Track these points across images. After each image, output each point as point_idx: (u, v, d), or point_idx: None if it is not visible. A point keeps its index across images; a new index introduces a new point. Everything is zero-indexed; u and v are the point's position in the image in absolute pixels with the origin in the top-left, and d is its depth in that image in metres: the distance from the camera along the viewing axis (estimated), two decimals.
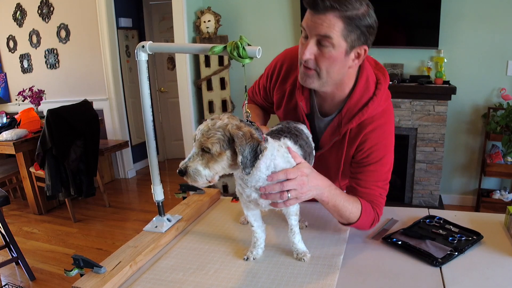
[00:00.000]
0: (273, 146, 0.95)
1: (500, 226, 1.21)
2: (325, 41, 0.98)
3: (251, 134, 0.88)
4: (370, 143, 1.11)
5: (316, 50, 1.00)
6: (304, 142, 1.09)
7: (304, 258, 1.06)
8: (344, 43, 0.98)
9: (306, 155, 1.08)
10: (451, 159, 3.39)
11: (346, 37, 0.98)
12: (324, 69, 1.03)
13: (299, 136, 1.08)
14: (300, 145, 1.06)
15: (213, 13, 3.62)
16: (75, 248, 3.01)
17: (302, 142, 1.08)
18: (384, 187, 1.16)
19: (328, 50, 0.99)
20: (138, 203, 3.97)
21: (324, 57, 1.00)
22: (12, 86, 4.88)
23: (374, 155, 1.11)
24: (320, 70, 1.03)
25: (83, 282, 0.98)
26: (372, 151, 1.11)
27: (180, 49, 1.83)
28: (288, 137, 1.05)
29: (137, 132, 4.85)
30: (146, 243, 1.16)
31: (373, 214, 1.14)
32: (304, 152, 1.07)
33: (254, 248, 1.10)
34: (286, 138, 1.05)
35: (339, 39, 0.97)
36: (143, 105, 1.18)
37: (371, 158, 1.12)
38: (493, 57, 3.08)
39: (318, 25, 0.97)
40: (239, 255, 1.11)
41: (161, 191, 1.26)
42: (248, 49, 1.01)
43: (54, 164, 3.24)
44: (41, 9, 4.40)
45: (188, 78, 3.71)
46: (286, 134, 1.06)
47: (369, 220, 1.13)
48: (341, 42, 0.98)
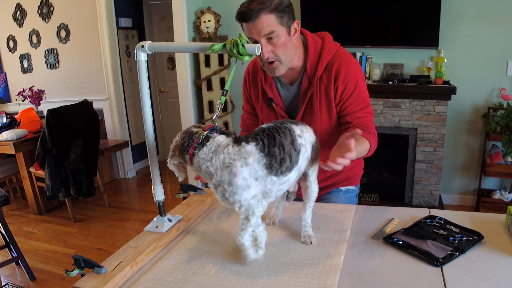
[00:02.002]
0: (209, 149, 1.00)
1: (500, 226, 1.21)
2: (271, 35, 1.21)
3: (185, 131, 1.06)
4: (342, 75, 1.31)
5: (270, 46, 1.23)
6: (281, 148, 0.99)
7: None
8: (283, 28, 1.22)
9: (275, 161, 0.98)
10: (451, 159, 3.39)
11: (281, 23, 1.21)
12: (283, 55, 1.25)
13: (277, 141, 0.99)
14: (269, 152, 0.98)
15: (213, 13, 3.62)
16: (75, 248, 3.01)
17: (277, 149, 0.99)
18: (370, 111, 1.36)
19: (277, 40, 1.22)
20: (138, 203, 3.97)
21: (277, 47, 1.23)
22: (12, 86, 4.88)
23: (349, 86, 1.31)
24: (280, 57, 1.26)
25: (83, 282, 0.98)
26: (347, 82, 1.31)
27: (179, 48, 1.84)
28: (260, 141, 0.99)
29: (137, 132, 4.85)
30: (147, 243, 1.16)
31: (374, 136, 1.32)
32: (272, 159, 0.98)
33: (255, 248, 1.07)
34: (253, 143, 0.98)
35: (278, 27, 1.20)
36: (143, 105, 1.19)
37: (348, 90, 1.32)
38: (493, 57, 3.08)
39: (259, 30, 1.19)
40: (240, 255, 1.10)
41: (161, 191, 1.26)
42: (248, 46, 1.05)
43: (54, 164, 3.24)
44: (41, 9, 4.40)
45: (188, 78, 3.71)
46: (263, 137, 1.00)
47: (375, 142, 1.32)
48: (281, 29, 1.21)
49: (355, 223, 1.28)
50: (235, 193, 0.98)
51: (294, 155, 1.02)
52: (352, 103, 1.33)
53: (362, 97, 1.34)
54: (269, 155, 0.98)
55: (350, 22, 3.26)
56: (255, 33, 1.21)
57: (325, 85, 1.33)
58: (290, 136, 1.03)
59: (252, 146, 0.98)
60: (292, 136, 1.03)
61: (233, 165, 0.96)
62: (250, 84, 1.50)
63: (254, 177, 0.98)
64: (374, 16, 3.21)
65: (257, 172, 0.98)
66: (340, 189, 1.57)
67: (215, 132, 1.05)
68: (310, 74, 1.35)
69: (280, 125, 1.04)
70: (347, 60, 1.33)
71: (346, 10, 3.27)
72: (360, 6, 3.22)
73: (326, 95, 1.35)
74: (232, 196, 0.98)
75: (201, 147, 1.01)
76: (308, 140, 1.07)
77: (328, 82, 1.33)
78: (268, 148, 0.98)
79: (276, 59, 1.26)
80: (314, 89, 1.34)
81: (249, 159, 0.97)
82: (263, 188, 1.01)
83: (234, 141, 1.00)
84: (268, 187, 1.01)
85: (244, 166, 0.96)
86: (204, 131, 1.04)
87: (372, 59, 3.28)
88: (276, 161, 0.99)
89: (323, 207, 1.40)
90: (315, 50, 1.34)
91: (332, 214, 1.34)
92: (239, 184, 0.97)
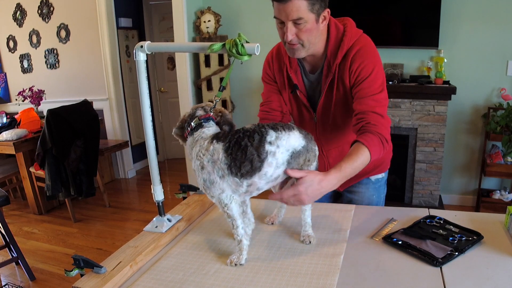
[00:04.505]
0: (194, 139, 1.12)
1: (500, 226, 1.21)
2: (299, 21, 1.18)
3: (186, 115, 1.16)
4: (358, 62, 1.27)
5: (294, 30, 1.21)
6: (243, 153, 1.01)
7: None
8: (312, 15, 1.19)
9: (234, 164, 1.01)
10: (451, 159, 3.39)
11: (312, 10, 1.18)
12: (306, 40, 1.24)
13: (243, 145, 1.01)
14: (231, 154, 1.01)
15: (213, 13, 3.62)
16: (75, 248, 3.01)
17: (240, 153, 1.01)
18: (381, 102, 1.28)
19: (303, 25, 1.20)
20: (138, 203, 3.97)
21: (303, 31, 1.21)
22: (12, 86, 4.88)
23: (364, 71, 1.27)
24: (303, 41, 1.24)
25: (83, 282, 0.98)
26: (362, 68, 1.27)
27: (178, 48, 1.83)
28: (228, 142, 1.03)
29: (137, 132, 4.85)
30: (146, 243, 1.16)
31: (376, 138, 1.22)
32: (233, 161, 1.01)
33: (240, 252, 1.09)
34: (222, 143, 1.04)
35: (308, 14, 1.18)
36: (143, 105, 1.19)
37: (362, 75, 1.27)
38: (493, 57, 3.08)
39: (288, 13, 1.17)
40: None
41: (161, 191, 1.26)
42: (247, 46, 1.06)
43: (54, 164, 3.24)
44: (41, 9, 4.40)
45: (188, 78, 3.71)
46: (236, 137, 1.03)
47: (377, 146, 1.22)
48: (310, 16, 1.19)
49: (355, 223, 1.28)
50: (206, 187, 1.08)
51: (256, 161, 1.01)
52: (363, 88, 1.27)
53: (375, 86, 1.27)
54: (231, 157, 1.02)
55: None
56: (283, 15, 1.19)
57: (342, 73, 1.31)
58: (258, 142, 1.01)
59: (220, 145, 1.04)
60: (261, 143, 1.01)
61: (202, 159, 1.06)
62: (273, 67, 1.45)
63: (218, 174, 1.05)
64: (374, 16, 3.21)
65: (219, 170, 1.04)
66: (370, 179, 1.54)
67: (211, 121, 1.15)
68: (330, 61, 1.33)
69: (257, 129, 1.04)
70: (367, 48, 1.29)
71: (346, 10, 3.26)
72: (360, 6, 3.22)
73: (343, 84, 1.32)
74: (205, 189, 1.09)
75: (192, 133, 1.13)
76: (285, 147, 1.03)
77: (343, 70, 1.30)
78: (231, 150, 1.03)
79: (298, 42, 1.24)
80: (332, 76, 1.32)
81: (214, 157, 1.04)
82: (230, 187, 1.06)
83: (214, 136, 1.08)
84: (233, 186, 1.05)
85: (209, 162, 1.05)
86: (199, 120, 1.14)
87: None
88: (236, 164, 1.02)
89: (323, 207, 1.40)
90: (336, 37, 1.32)
91: (332, 214, 1.34)
92: (204, 177, 1.06)
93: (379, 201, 1.59)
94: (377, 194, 1.57)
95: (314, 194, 1.06)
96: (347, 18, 1.37)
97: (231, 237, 1.22)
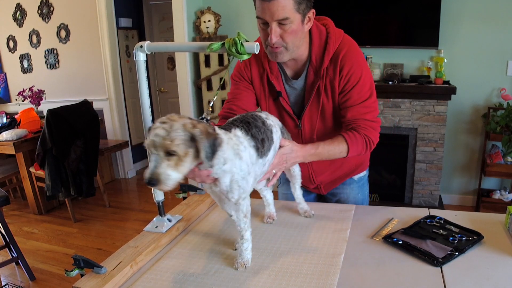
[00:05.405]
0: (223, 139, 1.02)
1: (500, 226, 1.21)
2: (284, 21, 1.12)
3: (207, 130, 0.90)
4: (347, 66, 1.23)
5: (279, 31, 1.15)
6: (257, 129, 1.05)
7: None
8: (298, 15, 1.13)
9: (258, 142, 1.03)
10: (451, 159, 3.39)
11: (298, 10, 1.12)
12: (290, 43, 1.18)
13: (252, 124, 1.05)
14: (252, 134, 1.02)
15: (213, 13, 3.62)
16: (75, 248, 3.01)
17: (255, 130, 1.04)
18: (370, 105, 1.26)
19: (289, 26, 1.14)
20: (138, 203, 3.97)
21: (288, 33, 1.15)
22: (12, 86, 4.88)
23: (353, 78, 1.23)
24: (287, 44, 1.18)
25: (83, 282, 0.98)
26: (352, 74, 1.23)
27: (178, 48, 1.82)
28: (240, 126, 1.03)
29: (137, 132, 4.84)
30: (146, 243, 1.16)
31: (361, 139, 1.25)
32: (256, 141, 1.03)
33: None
34: (238, 128, 1.02)
35: (294, 14, 1.12)
36: (142, 105, 1.19)
37: (352, 82, 1.24)
38: (493, 57, 3.08)
39: (273, 12, 1.10)
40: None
41: (161, 191, 1.26)
42: (246, 45, 1.05)
43: (54, 164, 3.24)
44: (41, 9, 4.40)
45: (188, 78, 3.71)
46: (238, 123, 1.04)
47: (360, 146, 1.25)
48: (296, 16, 1.13)
49: (355, 223, 1.28)
50: (245, 182, 1.01)
51: (269, 134, 1.08)
52: (352, 97, 1.25)
53: (364, 91, 1.25)
54: (253, 138, 1.02)
55: (350, 22, 3.26)
56: (268, 15, 1.11)
57: (331, 78, 1.25)
58: (259, 119, 1.09)
59: (237, 130, 1.01)
60: (261, 119, 1.09)
61: (239, 147, 0.98)
62: (251, 69, 1.37)
63: (252, 160, 1.01)
64: (374, 16, 3.21)
65: (252, 156, 1.01)
66: (353, 178, 1.53)
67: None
68: (316, 66, 1.26)
69: (246, 114, 1.10)
70: (353, 50, 1.25)
71: (346, 10, 3.27)
72: (360, 6, 3.22)
73: (332, 88, 1.26)
74: (241, 187, 1.01)
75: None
76: (275, 122, 1.16)
77: (333, 74, 1.25)
78: (250, 131, 1.02)
79: (282, 45, 1.18)
80: (321, 81, 1.26)
81: (245, 143, 1.00)
82: (255, 174, 1.04)
83: (225, 129, 1.02)
84: (258, 172, 1.06)
85: (246, 149, 1.00)
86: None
87: (372, 59, 3.28)
88: (259, 141, 1.03)
89: (323, 207, 1.40)
90: (319, 40, 1.25)
91: (332, 214, 1.34)
92: (244, 168, 1.01)
93: (364, 198, 1.58)
94: (362, 192, 1.57)
95: (292, 161, 1.18)
96: (325, 18, 1.31)
97: (231, 237, 1.22)
